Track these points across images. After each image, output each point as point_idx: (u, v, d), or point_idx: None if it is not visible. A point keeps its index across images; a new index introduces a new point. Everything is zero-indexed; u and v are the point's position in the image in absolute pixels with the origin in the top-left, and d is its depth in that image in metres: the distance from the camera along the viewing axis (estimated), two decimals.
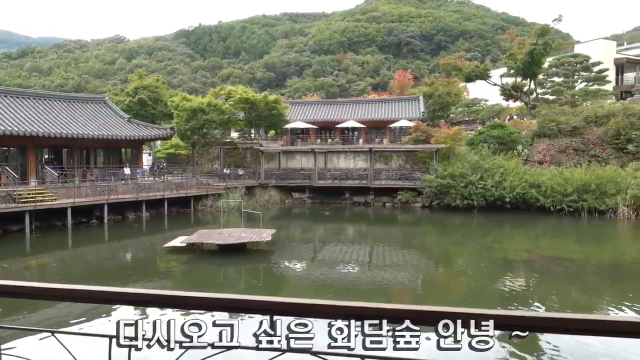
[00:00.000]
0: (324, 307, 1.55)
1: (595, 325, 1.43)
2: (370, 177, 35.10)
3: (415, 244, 22.97)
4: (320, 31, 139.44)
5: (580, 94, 43.51)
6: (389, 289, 14.59)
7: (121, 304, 1.88)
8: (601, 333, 1.41)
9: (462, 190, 30.24)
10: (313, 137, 44.18)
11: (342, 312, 1.59)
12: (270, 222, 25.60)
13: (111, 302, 1.83)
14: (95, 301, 1.81)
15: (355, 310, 1.58)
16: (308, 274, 16.28)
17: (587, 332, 1.44)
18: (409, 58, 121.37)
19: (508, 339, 9.28)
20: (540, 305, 12.80)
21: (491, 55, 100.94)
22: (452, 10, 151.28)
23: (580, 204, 27.76)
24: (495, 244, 22.34)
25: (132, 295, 1.76)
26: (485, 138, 34.20)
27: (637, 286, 14.84)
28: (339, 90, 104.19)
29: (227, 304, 1.62)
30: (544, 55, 41.62)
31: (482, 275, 16.45)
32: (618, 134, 32.07)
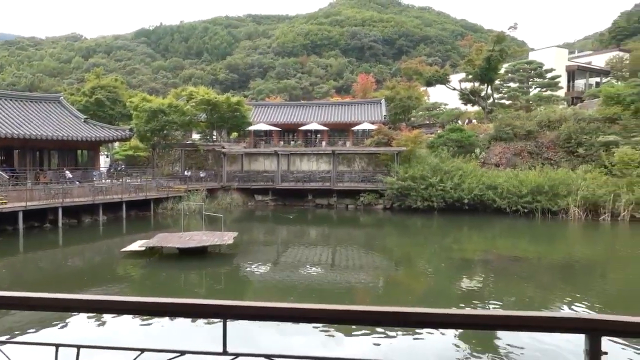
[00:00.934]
0: (279, 310, 1.55)
1: (530, 321, 1.49)
2: (333, 180, 35.29)
3: (377, 245, 23.24)
4: (284, 33, 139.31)
5: (535, 100, 45.24)
6: (352, 290, 14.70)
7: (79, 311, 1.82)
8: (534, 329, 1.48)
9: (422, 192, 30.84)
10: (276, 139, 44.05)
11: (299, 315, 1.59)
12: (232, 225, 25.32)
13: (70, 309, 1.76)
14: (54, 309, 1.74)
15: (310, 313, 1.58)
16: (271, 277, 16.19)
17: (523, 328, 1.50)
18: (371, 62, 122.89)
19: (464, 337, 9.53)
20: (498, 303, 13.21)
21: (451, 60, 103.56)
22: (413, 15, 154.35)
23: (535, 205, 28.85)
24: (454, 245, 22.88)
25: (91, 302, 1.70)
26: (444, 141, 35.03)
27: (587, 283, 15.54)
28: (303, 92, 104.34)
29: (181, 309, 1.60)
30: (500, 62, 43.06)
31: (442, 276, 16.81)
32: (569, 137, 33.57)
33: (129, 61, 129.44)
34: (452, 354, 9.05)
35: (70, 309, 1.74)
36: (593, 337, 1.46)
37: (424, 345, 9.50)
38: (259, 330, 9.67)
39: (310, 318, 1.63)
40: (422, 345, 9.49)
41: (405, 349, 9.30)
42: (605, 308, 12.60)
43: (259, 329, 9.62)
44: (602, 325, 1.46)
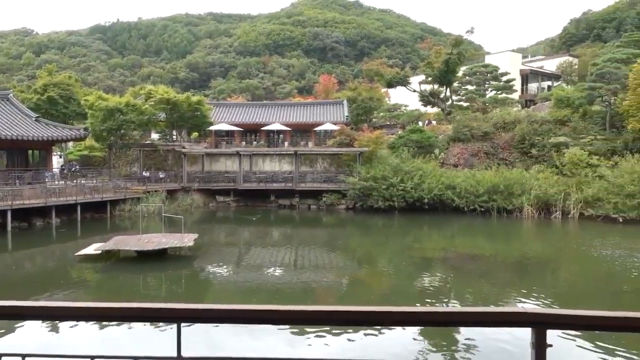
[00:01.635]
0: (236, 312, 1.53)
1: (485, 317, 1.55)
2: (296, 180, 35.27)
3: (340, 245, 23.39)
4: (246, 33, 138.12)
5: (491, 102, 46.69)
6: (316, 291, 14.73)
7: (30, 319, 1.74)
8: (487, 324, 1.53)
9: (384, 192, 31.26)
10: (238, 140, 43.61)
11: (259, 317, 1.58)
12: (193, 227, 24.88)
13: (22, 317, 1.69)
14: (6, 317, 1.66)
15: (269, 315, 1.58)
16: (233, 279, 16.02)
17: (480, 324, 1.55)
18: (333, 63, 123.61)
19: (424, 333, 9.72)
20: (457, 300, 13.56)
21: (411, 62, 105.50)
22: (374, 18, 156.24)
23: (491, 204, 29.77)
24: (415, 244, 23.32)
25: (41, 309, 1.63)
26: (405, 142, 35.64)
27: (540, 279, 16.17)
28: (265, 92, 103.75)
29: (133, 313, 1.56)
30: (458, 65, 44.22)
31: (403, 274, 17.11)
32: (523, 139, 34.85)
33: (84, 58, 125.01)
34: (414, 349, 9.22)
35: (17, 317, 1.67)
36: (539, 331, 1.53)
37: (385, 343, 9.64)
38: (221, 333, 9.55)
39: (270, 320, 1.62)
40: (384, 343, 9.63)
41: (366, 346, 9.40)
42: (556, 302, 13.15)
43: (222, 331, 9.50)
44: (546, 318, 1.53)
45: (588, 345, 8.98)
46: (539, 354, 1.52)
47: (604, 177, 28.74)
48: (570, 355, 7.98)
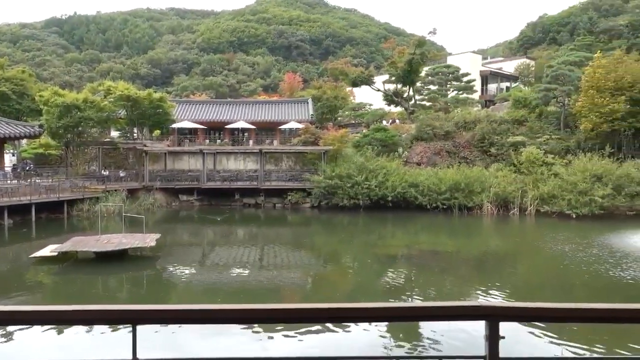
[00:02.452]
0: (193, 313, 1.52)
1: (439, 311, 1.59)
2: (261, 179, 35.05)
3: (305, 243, 23.42)
4: (209, 29, 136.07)
5: (452, 102, 47.77)
6: (281, 289, 14.70)
7: None
8: (442, 318, 1.58)
9: (348, 190, 31.50)
10: (201, 138, 42.93)
11: (218, 317, 1.57)
12: (155, 227, 24.35)
13: None
14: None
15: (229, 314, 1.57)
16: (197, 279, 15.77)
17: (433, 318, 1.60)
18: (298, 61, 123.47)
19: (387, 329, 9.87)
20: (420, 296, 13.82)
21: (375, 62, 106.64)
22: (339, 17, 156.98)
23: (452, 201, 30.49)
24: (379, 241, 23.62)
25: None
26: (369, 140, 36.01)
27: (498, 274, 16.69)
28: (229, 90, 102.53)
29: (87, 316, 1.51)
30: (421, 65, 45.03)
31: (368, 271, 17.31)
32: (483, 138, 35.85)
33: (39, 52, 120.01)
34: (379, 344, 9.36)
35: None
36: (492, 323, 1.58)
37: (350, 339, 9.72)
38: (188, 334, 9.39)
39: (231, 319, 1.61)
40: (349, 339, 9.71)
41: (332, 343, 9.46)
42: (513, 296, 13.60)
43: (189, 332, 9.34)
44: (499, 311, 1.59)
45: (539, 335, 9.36)
46: (492, 345, 1.58)
47: (559, 175, 29.94)
48: (521, 345, 8.28)
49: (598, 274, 15.32)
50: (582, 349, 8.95)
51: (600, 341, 9.35)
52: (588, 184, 28.27)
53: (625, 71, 33.09)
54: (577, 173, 29.19)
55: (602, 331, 9.49)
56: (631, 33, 70.46)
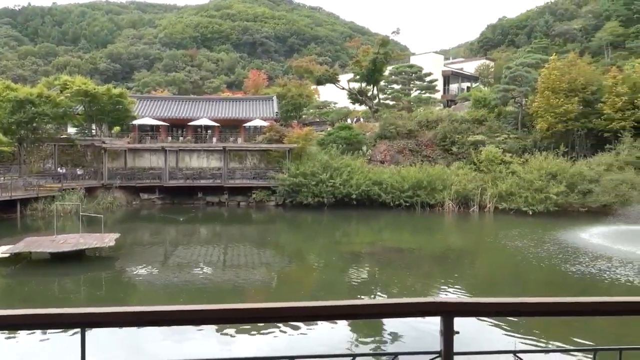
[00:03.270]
0: (146, 315, 1.48)
1: (392, 308, 1.62)
2: (225, 176, 34.63)
3: (270, 242, 23.32)
4: (172, 24, 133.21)
5: (415, 101, 48.60)
6: (245, 288, 14.58)
7: None
8: (397, 315, 1.61)
9: (313, 188, 31.55)
10: (164, 135, 41.99)
11: (169, 318, 1.54)
12: (114, 226, 23.67)
13: None
14: None
15: (183, 314, 1.54)
16: (158, 279, 15.43)
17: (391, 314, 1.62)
18: (263, 58, 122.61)
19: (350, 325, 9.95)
20: (383, 293, 14.00)
21: (340, 60, 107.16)
22: (304, 15, 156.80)
23: (415, 199, 31.03)
24: (343, 239, 23.78)
25: None
26: (334, 139, 36.18)
27: (460, 269, 17.12)
28: (192, 86, 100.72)
29: (33, 320, 1.45)
30: (385, 64, 45.57)
31: (333, 269, 17.39)
32: (444, 137, 36.64)
33: None
34: (342, 341, 9.43)
35: None
36: (446, 319, 1.62)
37: (308, 337, 9.74)
38: (148, 337, 9.18)
39: (186, 320, 1.58)
40: (306, 338, 9.73)
41: (296, 342, 9.46)
42: (472, 290, 13.99)
43: (150, 335, 9.13)
44: (453, 307, 1.62)
45: (493, 329, 9.67)
46: (447, 340, 1.61)
47: (516, 173, 30.95)
48: (475, 340, 8.52)
49: (551, 269, 15.95)
50: (535, 341, 9.30)
51: (553, 334, 9.74)
52: (543, 182, 29.34)
53: (578, 73, 34.53)
54: (534, 171, 30.25)
55: (554, 324, 9.88)
56: (584, 37, 73.61)
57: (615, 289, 13.28)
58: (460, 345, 1.67)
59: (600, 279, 14.30)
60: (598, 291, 13.43)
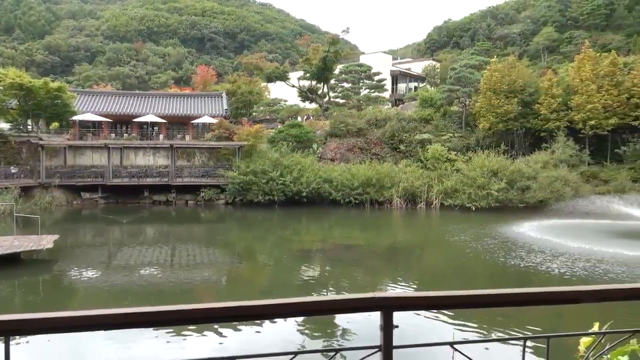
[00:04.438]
0: (78, 319, 1.42)
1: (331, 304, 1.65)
2: (172, 175, 33.75)
3: (219, 240, 22.98)
4: (115, 16, 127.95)
5: (364, 100, 49.33)
6: (194, 289, 14.29)
7: None
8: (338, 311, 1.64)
9: (263, 186, 31.36)
10: (107, 132, 40.36)
11: (106, 322, 1.49)
12: (53, 227, 22.50)
13: None
14: None
15: (121, 318, 1.49)
16: (101, 282, 14.82)
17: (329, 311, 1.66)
18: (212, 54, 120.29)
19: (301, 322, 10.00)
20: (333, 289, 14.14)
21: (290, 58, 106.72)
22: (254, 11, 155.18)
23: (364, 196, 31.53)
24: (294, 236, 23.81)
25: None
26: (284, 136, 36.12)
27: (407, 264, 17.58)
28: (138, 81, 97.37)
29: None
30: (334, 63, 45.94)
31: (284, 267, 17.39)
32: (393, 135, 37.45)
33: None
34: (293, 339, 9.45)
35: None
36: (386, 313, 1.67)
37: (255, 336, 9.70)
38: (91, 342, 8.81)
39: (125, 324, 1.53)
40: (254, 336, 9.69)
41: (235, 342, 9.40)
42: (420, 284, 14.41)
43: (93, 340, 8.77)
44: (392, 302, 1.67)
45: (433, 322, 10.02)
46: (386, 335, 1.66)
47: (460, 171, 32.11)
48: (415, 333, 8.80)
49: (492, 262, 16.69)
50: (472, 332, 9.73)
51: (490, 324, 10.20)
52: (486, 179, 30.62)
53: (517, 75, 36.26)
54: (476, 169, 31.50)
55: (491, 314, 10.36)
56: (523, 41, 77.43)
57: (548, 280, 14.08)
58: (400, 339, 1.72)
59: (536, 271, 15.12)
60: (533, 282, 14.19)
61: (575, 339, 2.20)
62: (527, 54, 69.06)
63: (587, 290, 1.86)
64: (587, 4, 73.49)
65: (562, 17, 76.63)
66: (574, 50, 53.76)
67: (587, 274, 14.36)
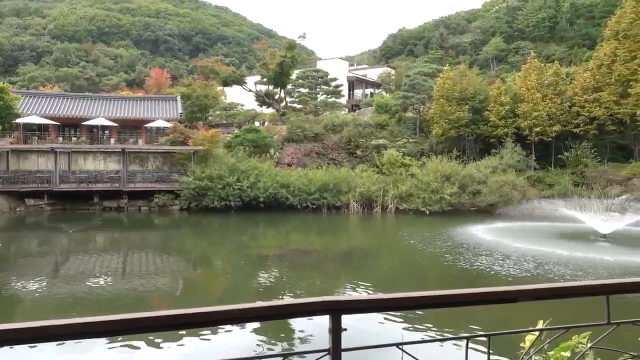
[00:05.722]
0: (19, 332, 1.38)
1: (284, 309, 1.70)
2: (124, 180, 32.71)
3: (174, 247, 22.46)
4: (63, 15, 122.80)
5: (321, 105, 49.62)
6: (147, 297, 13.90)
7: None
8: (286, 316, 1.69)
9: (219, 191, 30.93)
10: (54, 135, 38.61)
11: (47, 334, 1.45)
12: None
13: None
14: None
15: (63, 329, 1.46)
16: (48, 293, 14.15)
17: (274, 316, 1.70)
18: (167, 56, 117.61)
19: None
20: (290, 294, 14.12)
21: (247, 62, 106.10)
22: (210, 14, 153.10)
23: (322, 201, 31.71)
24: (251, 242, 23.60)
25: None
26: (241, 141, 35.80)
27: (363, 268, 17.79)
28: (88, 83, 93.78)
29: None
30: (291, 68, 46.00)
31: (241, 273, 17.20)
32: (349, 140, 37.90)
33: None
34: (231, 345, 9.41)
35: None
36: (335, 316, 1.71)
37: (202, 343, 9.56)
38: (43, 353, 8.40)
39: (68, 335, 1.50)
40: (201, 343, 9.55)
41: (205, 348, 9.26)
42: (375, 287, 14.62)
43: (45, 350, 8.36)
44: (341, 305, 1.73)
45: (381, 324, 10.22)
46: (335, 338, 1.71)
47: (415, 176, 32.89)
48: (363, 335, 8.95)
49: (445, 264, 17.18)
50: (422, 333, 9.99)
51: (441, 324, 10.51)
52: (439, 184, 31.50)
53: (468, 83, 37.59)
54: (430, 174, 32.36)
55: (441, 315, 10.66)
56: (473, 50, 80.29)
57: (496, 281, 14.65)
58: (349, 341, 1.78)
59: (484, 272, 15.69)
60: (482, 283, 14.71)
61: (518, 336, 2.34)
62: (477, 62, 71.66)
63: (524, 289, 1.98)
64: (532, 16, 77.17)
65: (509, 28, 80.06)
66: (521, 60, 56.28)
67: (531, 275, 15.04)
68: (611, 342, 2.10)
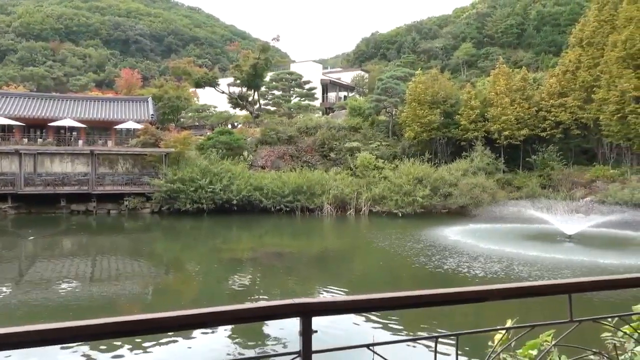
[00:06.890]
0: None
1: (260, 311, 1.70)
2: (93, 182, 31.93)
3: (145, 251, 22.05)
4: (29, 12, 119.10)
5: (295, 108, 49.65)
6: (117, 302, 13.59)
7: None
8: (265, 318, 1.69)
9: (192, 194, 30.53)
10: (18, 136, 37.41)
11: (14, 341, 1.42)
12: None
13: None
14: None
15: (28, 336, 1.42)
16: (10, 300, 13.68)
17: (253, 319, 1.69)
18: (137, 57, 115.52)
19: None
20: (264, 297, 14.05)
21: (220, 64, 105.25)
22: (183, 14, 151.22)
23: (295, 203, 31.66)
24: (224, 245, 23.38)
25: None
26: (214, 143, 35.45)
27: (337, 270, 17.86)
28: (55, 83, 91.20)
29: None
30: (265, 70, 45.85)
31: (213, 276, 17.01)
32: (323, 143, 38.01)
33: None
34: (201, 349, 9.33)
35: None
36: (305, 319, 1.72)
37: (172, 347, 9.44)
38: None
39: (39, 341, 1.47)
40: (171, 347, 9.43)
41: (176, 352, 9.12)
42: (349, 289, 14.69)
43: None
44: (311, 307, 1.73)
45: (352, 325, 10.29)
46: (306, 340, 1.71)
47: (388, 178, 33.18)
48: (334, 337, 9.00)
49: (418, 266, 17.39)
50: (392, 333, 10.10)
51: (411, 324, 10.64)
52: (411, 186, 31.87)
53: (439, 87, 38.22)
54: (403, 176, 32.71)
55: (411, 315, 10.79)
56: (444, 55, 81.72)
57: (467, 281, 14.92)
58: (320, 343, 1.78)
59: (455, 272, 15.96)
60: (453, 283, 14.96)
61: (487, 335, 2.39)
62: (448, 67, 72.93)
63: (493, 289, 2.02)
64: (501, 23, 79.13)
65: (479, 34, 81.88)
66: (490, 66, 57.61)
67: (499, 275, 15.38)
68: (574, 340, 2.17)
